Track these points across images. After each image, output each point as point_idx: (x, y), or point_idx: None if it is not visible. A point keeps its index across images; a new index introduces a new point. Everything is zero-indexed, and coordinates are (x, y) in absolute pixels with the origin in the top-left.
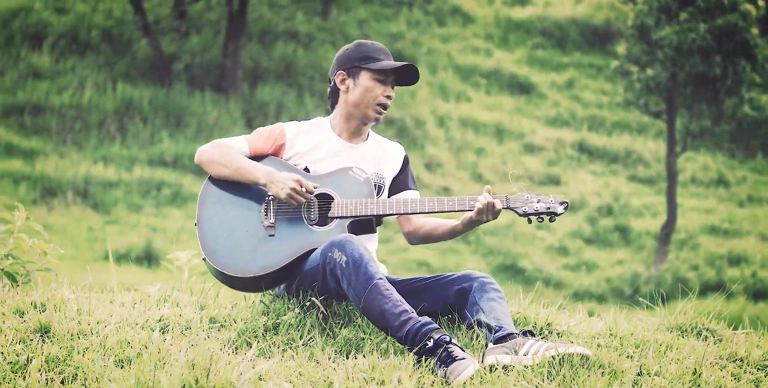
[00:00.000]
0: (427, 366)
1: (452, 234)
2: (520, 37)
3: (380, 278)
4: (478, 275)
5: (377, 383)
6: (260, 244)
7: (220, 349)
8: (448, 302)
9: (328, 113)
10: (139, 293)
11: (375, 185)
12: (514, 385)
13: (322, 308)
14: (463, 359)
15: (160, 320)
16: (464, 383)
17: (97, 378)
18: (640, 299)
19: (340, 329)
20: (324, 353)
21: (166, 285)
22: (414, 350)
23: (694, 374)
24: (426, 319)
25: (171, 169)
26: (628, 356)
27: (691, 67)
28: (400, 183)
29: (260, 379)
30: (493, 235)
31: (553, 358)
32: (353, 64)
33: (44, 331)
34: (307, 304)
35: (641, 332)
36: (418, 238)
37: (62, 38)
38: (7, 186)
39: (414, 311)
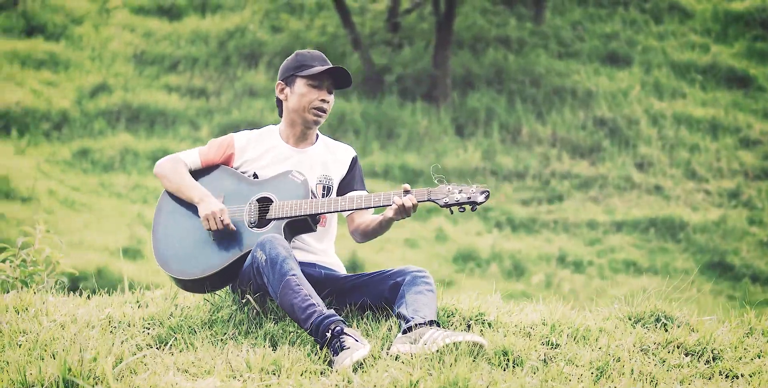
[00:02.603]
0: (321, 355)
1: (382, 228)
2: (739, 30)
3: (293, 275)
4: (412, 270)
5: (257, 371)
6: (205, 248)
7: (149, 344)
8: (384, 295)
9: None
10: (128, 295)
11: (324, 187)
12: (386, 371)
13: (254, 305)
14: (349, 348)
15: (108, 319)
16: (342, 371)
17: (9, 370)
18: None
19: (269, 323)
20: (232, 344)
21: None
22: (317, 341)
23: (607, 360)
24: (329, 312)
25: (381, 180)
26: (549, 345)
27: None
28: (347, 184)
29: (174, 373)
30: (702, 232)
31: (446, 346)
32: (290, 74)
33: None
34: (243, 301)
35: (583, 321)
36: (359, 235)
37: (277, 56)
38: None
39: (320, 304)
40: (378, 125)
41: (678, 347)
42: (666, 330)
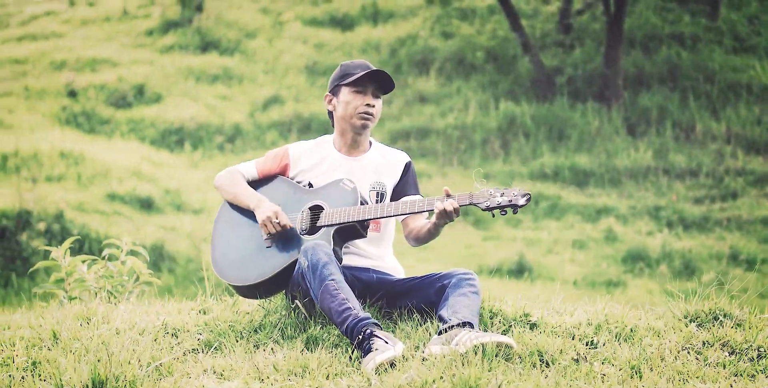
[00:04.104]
0: (354, 357)
1: (431, 233)
2: None
3: (332, 280)
4: (458, 272)
5: (284, 373)
6: (258, 255)
7: (195, 349)
8: (431, 298)
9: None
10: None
11: (377, 193)
12: (405, 372)
13: (302, 309)
14: (376, 350)
15: (163, 326)
16: (364, 372)
17: (51, 375)
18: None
19: (315, 327)
20: (271, 347)
21: None
22: (351, 343)
23: (643, 358)
24: (363, 315)
25: (551, 182)
26: (590, 344)
27: None
28: (400, 189)
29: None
30: None
31: (474, 347)
32: (335, 85)
33: (55, 338)
34: (293, 306)
35: (631, 320)
36: (412, 239)
37: (448, 62)
38: None
39: (356, 308)
40: (548, 127)
41: (724, 346)
42: (735, 328)
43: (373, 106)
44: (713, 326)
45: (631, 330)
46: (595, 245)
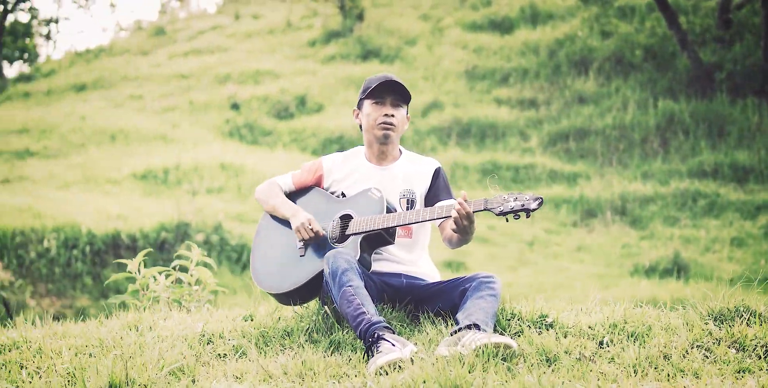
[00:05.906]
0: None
1: (460, 238)
2: None
3: (349, 286)
4: (480, 276)
5: (293, 376)
6: (292, 263)
7: (225, 353)
8: (455, 302)
9: None
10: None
11: (408, 201)
12: (400, 374)
13: (330, 314)
14: (380, 352)
15: (202, 332)
16: (366, 374)
17: (83, 380)
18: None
19: (340, 332)
20: (293, 351)
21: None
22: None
23: (646, 356)
24: (376, 319)
25: (710, 180)
26: (601, 344)
27: None
28: (433, 195)
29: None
30: None
31: (477, 349)
32: (359, 99)
33: (101, 344)
34: (322, 311)
35: (647, 319)
36: (447, 242)
37: (607, 61)
38: (548, 211)
39: (370, 312)
40: (708, 124)
41: (735, 342)
42: (747, 325)
43: (393, 115)
44: (735, 323)
45: (649, 328)
46: (754, 242)
